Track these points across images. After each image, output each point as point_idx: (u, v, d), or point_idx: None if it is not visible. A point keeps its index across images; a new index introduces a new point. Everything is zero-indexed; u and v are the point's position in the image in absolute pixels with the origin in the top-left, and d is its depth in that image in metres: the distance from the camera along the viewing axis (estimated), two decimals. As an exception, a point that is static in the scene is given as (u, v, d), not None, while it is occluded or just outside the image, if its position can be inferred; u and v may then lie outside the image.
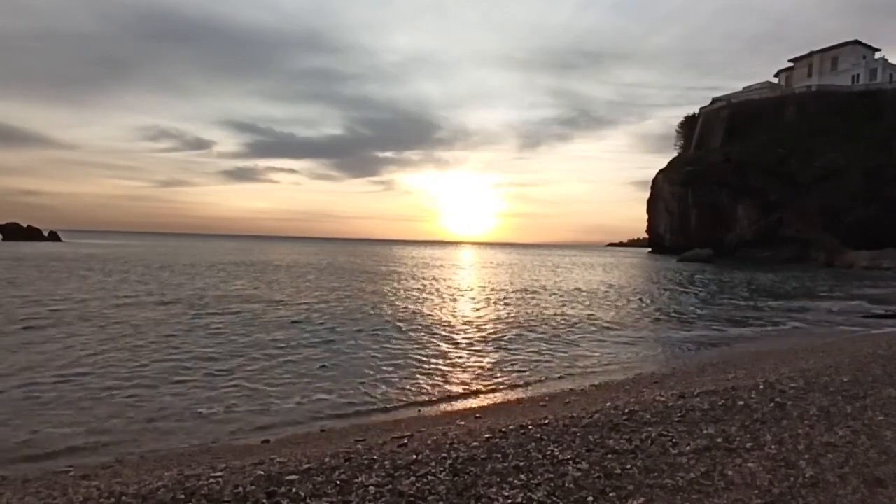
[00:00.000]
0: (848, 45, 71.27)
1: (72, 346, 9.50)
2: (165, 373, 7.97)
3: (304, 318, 13.69)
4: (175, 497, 3.24)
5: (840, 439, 4.29)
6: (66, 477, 4.22)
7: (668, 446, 4.13)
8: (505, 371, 8.85)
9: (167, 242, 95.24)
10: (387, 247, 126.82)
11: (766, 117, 68.18)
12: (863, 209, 58.41)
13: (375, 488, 3.34)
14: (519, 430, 4.56)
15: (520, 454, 3.97)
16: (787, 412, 5.09)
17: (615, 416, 4.98)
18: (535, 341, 11.48)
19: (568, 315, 15.68)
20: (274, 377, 7.94)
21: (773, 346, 11.30)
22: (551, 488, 3.34)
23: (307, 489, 3.34)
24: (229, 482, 3.46)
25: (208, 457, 4.79)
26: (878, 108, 63.52)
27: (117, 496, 3.32)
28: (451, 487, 3.36)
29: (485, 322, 13.91)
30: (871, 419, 4.86)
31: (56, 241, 65.27)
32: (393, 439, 4.62)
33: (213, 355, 9.18)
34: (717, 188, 65.93)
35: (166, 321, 12.42)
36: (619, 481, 3.46)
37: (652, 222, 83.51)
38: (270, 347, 9.97)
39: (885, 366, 7.47)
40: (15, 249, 44.13)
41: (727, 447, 4.11)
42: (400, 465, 3.76)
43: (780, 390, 5.97)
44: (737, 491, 3.31)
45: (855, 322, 15.55)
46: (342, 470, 3.67)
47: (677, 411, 5.13)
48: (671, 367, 9.28)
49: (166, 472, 3.98)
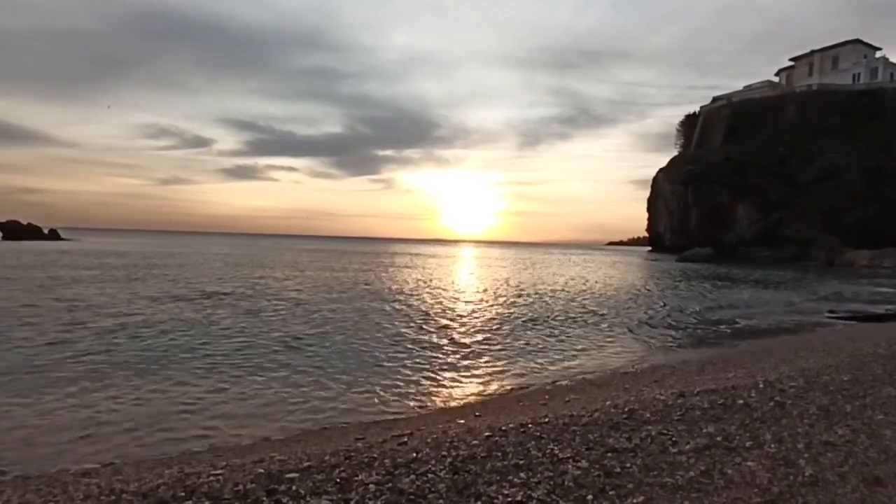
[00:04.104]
0: (849, 43, 71.22)
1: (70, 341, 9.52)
2: (166, 372, 7.97)
3: (302, 316, 13.69)
4: (175, 495, 3.24)
5: (840, 438, 4.29)
6: (67, 474, 4.22)
7: (668, 445, 4.13)
8: (505, 369, 8.85)
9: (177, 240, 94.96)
10: (387, 245, 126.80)
11: (766, 116, 68.21)
12: (863, 209, 58.45)
13: (375, 486, 3.34)
14: (519, 429, 4.56)
15: (520, 452, 3.97)
16: (787, 411, 5.10)
17: (615, 415, 4.98)
18: (535, 339, 11.48)
19: (567, 313, 15.68)
20: (274, 376, 7.94)
21: (773, 346, 11.30)
22: (551, 486, 3.34)
23: (307, 487, 3.34)
24: (230, 480, 3.46)
25: (208, 454, 4.80)
26: (878, 108, 63.57)
27: (118, 494, 3.32)
28: (451, 485, 3.36)
29: (484, 320, 13.91)
30: (870, 418, 4.87)
31: (57, 240, 65.22)
32: (393, 437, 4.62)
33: (209, 353, 9.19)
34: (718, 187, 65.92)
35: (176, 317, 12.42)
36: (619, 479, 3.46)
37: (652, 221, 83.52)
38: (270, 346, 9.98)
39: (885, 365, 7.47)
40: (33, 247, 44.12)
41: (727, 446, 4.11)
42: (400, 463, 3.76)
43: (780, 389, 5.97)
44: (736, 489, 3.31)
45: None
46: (342, 468, 3.67)
47: (677, 410, 5.14)
48: (671, 365, 9.28)
49: (166, 469, 3.98)
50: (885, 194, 57.66)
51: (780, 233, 61.25)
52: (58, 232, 69.32)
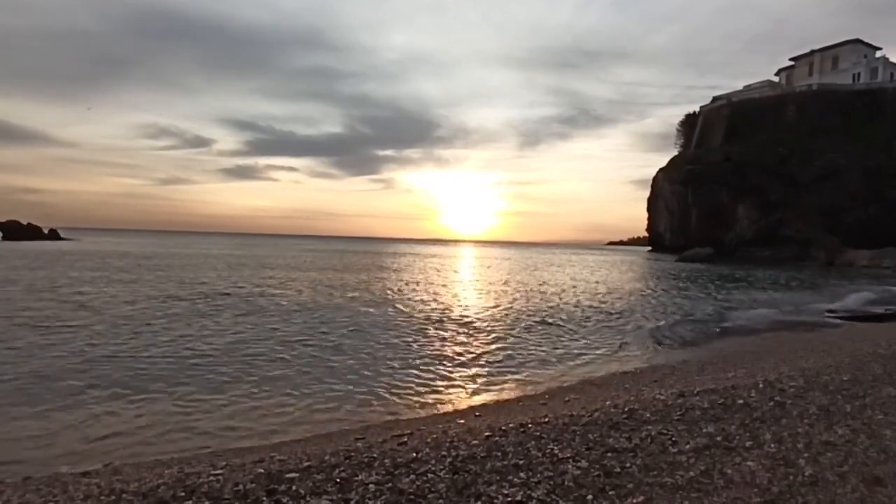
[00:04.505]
0: (849, 43, 71.19)
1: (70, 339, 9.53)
2: (166, 373, 7.97)
3: (303, 316, 13.69)
4: (175, 495, 3.24)
5: (839, 438, 4.30)
6: (67, 474, 4.22)
7: (668, 445, 4.13)
8: (504, 369, 8.85)
9: (177, 240, 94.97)
10: (387, 245, 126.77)
11: (766, 116, 68.20)
12: (863, 209, 58.43)
13: (375, 486, 3.34)
14: (519, 429, 4.57)
15: (519, 452, 3.97)
16: (787, 411, 5.10)
17: (615, 415, 4.99)
18: (535, 339, 11.48)
19: (567, 313, 15.68)
20: (273, 375, 7.94)
21: (773, 345, 11.30)
22: (551, 486, 3.34)
23: (307, 487, 3.34)
24: (230, 480, 3.46)
25: (208, 454, 4.80)
26: (878, 107, 63.55)
27: (118, 494, 3.32)
28: (451, 485, 3.36)
29: (484, 320, 13.91)
30: (870, 418, 4.87)
31: (57, 240, 65.21)
32: (393, 437, 4.62)
33: (210, 353, 9.19)
34: (718, 187, 65.89)
35: (176, 318, 12.42)
36: (619, 479, 3.46)
37: (652, 221, 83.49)
38: (270, 346, 9.98)
39: (885, 365, 7.48)
40: (33, 248, 44.12)
41: (727, 446, 4.11)
42: (400, 463, 3.76)
43: (780, 389, 5.97)
44: (736, 489, 3.31)
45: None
46: (342, 468, 3.68)
47: (677, 410, 5.14)
48: (671, 365, 9.28)
49: (166, 469, 3.98)
50: (885, 194, 57.62)
51: (780, 233, 61.21)
52: (58, 232, 69.33)
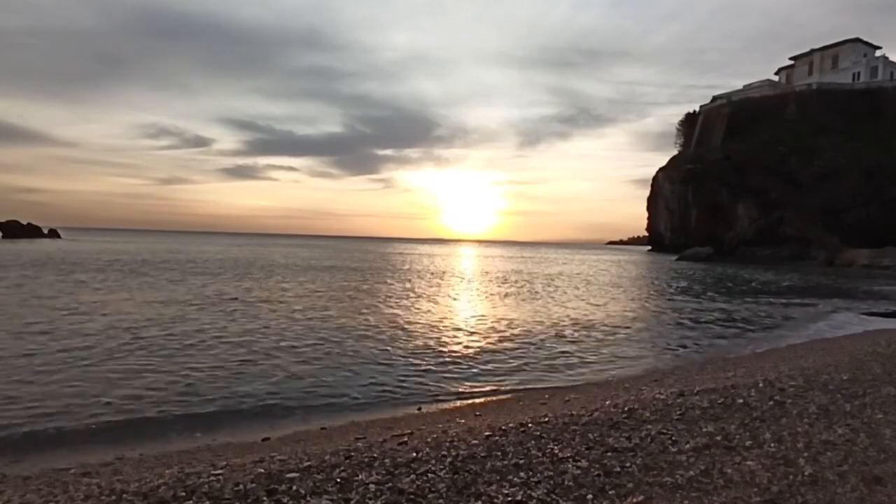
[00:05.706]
0: (849, 42, 71.19)
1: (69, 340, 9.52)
2: (166, 373, 7.98)
3: (303, 317, 13.69)
4: (176, 494, 3.24)
5: (839, 437, 4.30)
6: (67, 474, 4.22)
7: (668, 444, 4.14)
8: (504, 369, 8.85)
9: (177, 240, 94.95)
10: (386, 244, 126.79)
11: (766, 115, 68.19)
12: (863, 208, 58.43)
13: (376, 486, 3.34)
14: (519, 428, 4.57)
15: (520, 452, 3.97)
16: (787, 410, 5.10)
17: (615, 414, 4.99)
18: (534, 339, 11.48)
19: (567, 313, 15.69)
20: (273, 374, 7.95)
21: (772, 345, 11.31)
22: (551, 486, 3.35)
23: (307, 487, 3.34)
24: (230, 480, 3.46)
25: (209, 454, 4.79)
26: (878, 107, 63.55)
27: (118, 494, 3.32)
28: (451, 485, 3.36)
29: (484, 320, 13.91)
30: (870, 417, 4.87)
31: (56, 239, 65.20)
32: (393, 437, 4.63)
33: (210, 353, 9.19)
34: (718, 186, 65.91)
35: (175, 318, 12.42)
36: (619, 479, 3.46)
37: (652, 220, 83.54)
38: (270, 346, 9.98)
39: (885, 364, 7.48)
40: (32, 248, 44.10)
41: (726, 445, 4.11)
42: (400, 462, 3.76)
43: (780, 388, 5.97)
44: (736, 489, 3.31)
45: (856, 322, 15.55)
46: (342, 468, 3.68)
47: (677, 409, 5.14)
48: (671, 365, 9.29)
49: (167, 469, 3.98)
50: (884, 193, 57.64)
51: (781, 232, 61.22)
52: (58, 232, 69.38)
